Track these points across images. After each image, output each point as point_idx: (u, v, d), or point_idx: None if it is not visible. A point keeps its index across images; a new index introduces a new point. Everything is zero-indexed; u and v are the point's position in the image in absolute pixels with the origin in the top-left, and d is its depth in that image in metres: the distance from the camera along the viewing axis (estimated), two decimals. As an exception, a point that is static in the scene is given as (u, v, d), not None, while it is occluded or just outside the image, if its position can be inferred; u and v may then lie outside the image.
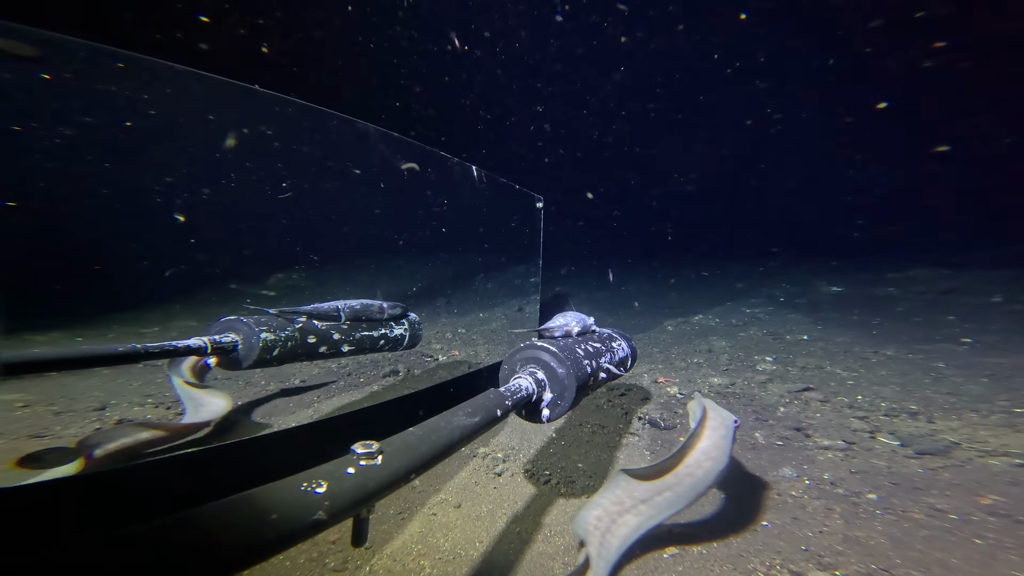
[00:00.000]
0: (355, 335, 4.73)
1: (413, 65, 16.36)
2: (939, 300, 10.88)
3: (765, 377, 6.26)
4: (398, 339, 5.22)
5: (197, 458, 3.12)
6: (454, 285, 12.42)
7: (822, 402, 5.29)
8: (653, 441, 4.50)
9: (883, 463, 3.89)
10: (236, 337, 3.89)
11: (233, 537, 1.21)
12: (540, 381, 2.81)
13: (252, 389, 5.23)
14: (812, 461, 3.98)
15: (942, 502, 3.29)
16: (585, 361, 3.09)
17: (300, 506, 1.37)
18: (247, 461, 3.25)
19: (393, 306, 5.15)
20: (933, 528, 3.00)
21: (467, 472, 3.92)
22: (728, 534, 3.03)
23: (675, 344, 8.74)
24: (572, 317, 3.58)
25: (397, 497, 3.49)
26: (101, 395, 4.84)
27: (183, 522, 1.18)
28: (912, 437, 4.30)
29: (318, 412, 4.76)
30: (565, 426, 4.77)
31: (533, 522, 3.21)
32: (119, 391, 4.98)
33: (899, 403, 5.11)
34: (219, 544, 1.17)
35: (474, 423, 2.15)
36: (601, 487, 2.67)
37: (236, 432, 4.15)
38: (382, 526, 3.15)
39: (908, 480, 3.61)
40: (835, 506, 3.30)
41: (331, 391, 5.34)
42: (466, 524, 3.20)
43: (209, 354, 3.74)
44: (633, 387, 5.97)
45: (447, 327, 9.18)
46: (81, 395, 4.81)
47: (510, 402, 2.49)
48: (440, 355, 7.15)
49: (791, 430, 4.61)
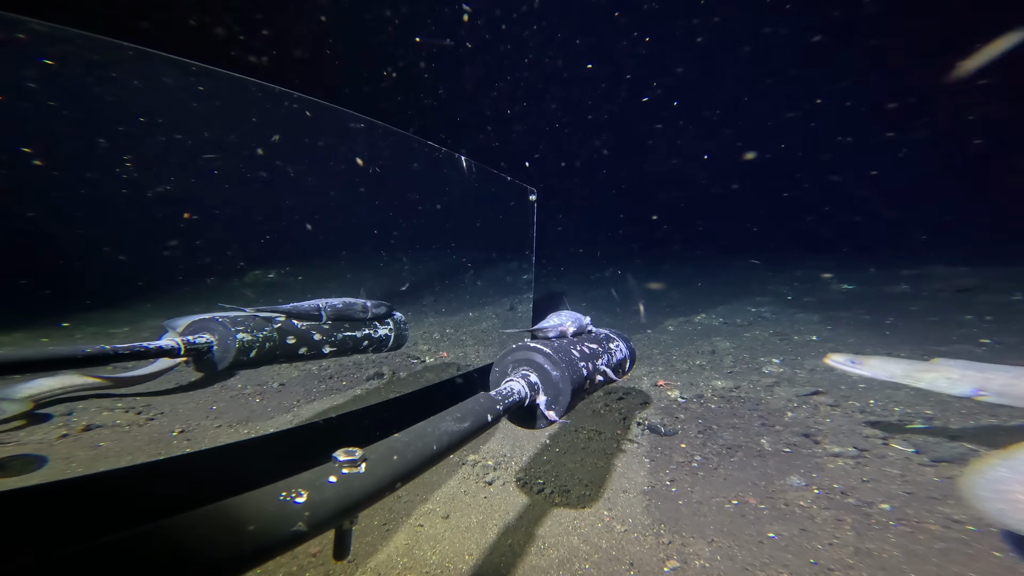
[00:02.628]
0: (337, 336, 4.72)
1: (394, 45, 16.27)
2: (956, 298, 10.87)
3: (772, 380, 6.27)
4: (382, 340, 5.21)
5: (169, 465, 3.11)
6: (442, 282, 12.41)
7: (832, 407, 5.30)
8: (653, 448, 4.50)
9: (897, 471, 3.90)
10: (211, 338, 3.87)
11: (207, 550, 1.20)
12: (533, 384, 2.79)
13: (228, 393, 5.21)
14: (821, 469, 4.00)
15: (959, 512, 3.29)
16: (581, 363, 3.08)
17: (279, 517, 1.36)
18: (222, 469, 3.24)
19: (377, 305, 5.14)
20: (950, 540, 3.01)
21: (456, 481, 3.92)
22: (732, 546, 3.04)
23: (676, 345, 8.75)
24: (567, 316, 3.57)
25: (381, 507, 3.49)
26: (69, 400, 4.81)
27: (153, 534, 1.17)
28: (928, 444, 4.31)
29: (298, 417, 4.75)
30: (560, 432, 4.78)
31: (526, 534, 3.21)
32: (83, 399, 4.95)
33: (914, 408, 5.11)
34: (192, 558, 1.17)
35: (463, 429, 2.14)
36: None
37: (211, 438, 4.14)
38: (365, 538, 3.15)
39: (923, 489, 3.62)
40: (846, 517, 3.32)
41: (312, 395, 5.32)
42: (454, 536, 3.20)
43: (183, 356, 3.72)
44: (632, 391, 5.98)
45: (434, 327, 9.16)
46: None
47: (501, 406, 2.48)
48: (427, 357, 7.15)
49: (799, 436, 4.62)
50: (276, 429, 4.06)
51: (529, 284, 8.56)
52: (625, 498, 3.66)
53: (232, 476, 3.01)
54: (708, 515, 3.41)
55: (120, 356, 3.24)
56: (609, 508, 3.52)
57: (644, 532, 3.22)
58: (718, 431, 4.82)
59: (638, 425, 5.02)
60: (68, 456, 3.64)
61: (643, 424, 5.02)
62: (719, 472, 4.03)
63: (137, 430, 4.17)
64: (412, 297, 11.14)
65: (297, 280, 10.23)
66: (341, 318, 4.80)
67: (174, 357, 3.69)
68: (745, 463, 4.16)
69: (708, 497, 3.65)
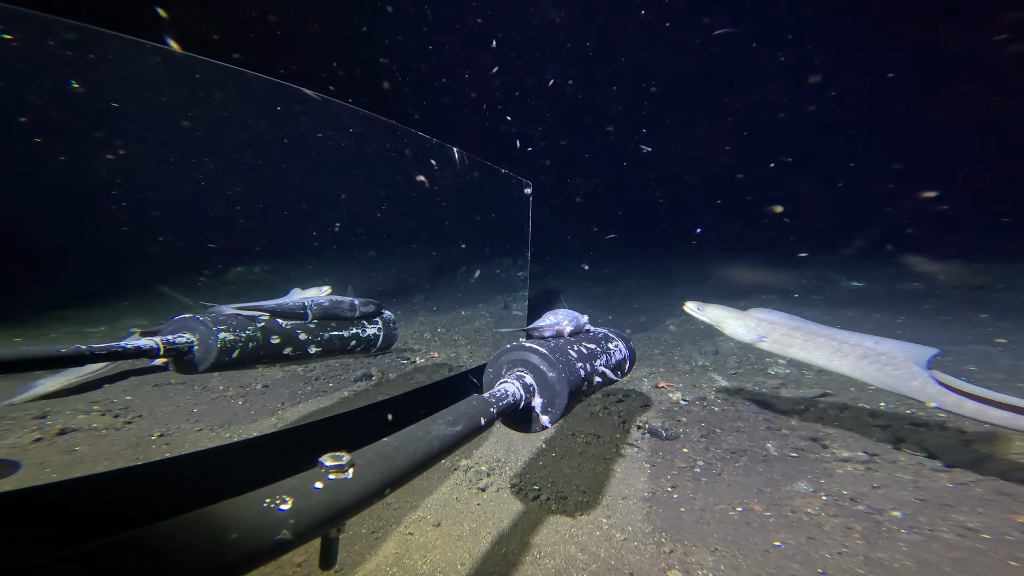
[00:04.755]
0: (323, 335, 4.72)
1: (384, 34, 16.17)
2: (971, 296, 10.89)
3: (778, 382, 6.29)
4: (371, 340, 5.21)
5: (147, 471, 3.11)
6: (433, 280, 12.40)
7: (841, 409, 5.32)
8: (654, 453, 4.51)
9: (909, 477, 3.91)
10: (191, 337, 3.86)
11: (188, 559, 1.20)
12: (528, 386, 2.79)
13: (209, 395, 5.21)
14: (830, 475, 4.01)
15: (974, 520, 3.30)
16: (578, 364, 3.08)
17: (262, 524, 1.36)
18: (203, 474, 3.24)
19: (365, 303, 5.14)
20: (964, 549, 3.02)
21: (447, 487, 3.92)
22: (736, 556, 3.04)
23: (678, 345, 8.76)
24: (564, 315, 3.58)
25: (370, 514, 3.48)
26: (42, 401, 4.81)
27: (132, 542, 1.17)
28: (941, 448, 4.32)
29: (282, 420, 4.75)
30: (556, 436, 4.78)
31: (521, 542, 3.21)
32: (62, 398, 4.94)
33: (926, 411, 5.12)
34: (172, 567, 1.16)
35: (455, 433, 2.15)
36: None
37: (191, 442, 4.13)
38: (353, 547, 3.15)
39: (936, 496, 3.63)
40: (855, 524, 3.32)
41: (297, 397, 5.32)
42: (446, 545, 3.21)
43: (162, 356, 3.71)
44: (632, 393, 5.99)
45: (425, 326, 9.17)
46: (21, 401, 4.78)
47: (495, 409, 2.48)
48: (418, 357, 7.15)
49: (807, 440, 4.64)
50: (260, 433, 4.05)
51: (524, 281, 8.55)
52: (625, 505, 3.66)
53: (213, 482, 3.02)
54: (711, 523, 3.42)
55: (97, 356, 3.24)
56: (608, 515, 3.52)
57: (644, 541, 3.22)
58: (722, 435, 4.83)
59: (638, 429, 5.02)
60: (42, 461, 3.64)
61: (643, 427, 5.02)
62: (723, 478, 4.04)
63: (114, 434, 4.17)
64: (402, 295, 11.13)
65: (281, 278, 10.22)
66: (328, 317, 4.79)
67: (153, 358, 3.68)
68: (750, 468, 4.17)
69: (711, 504, 3.65)
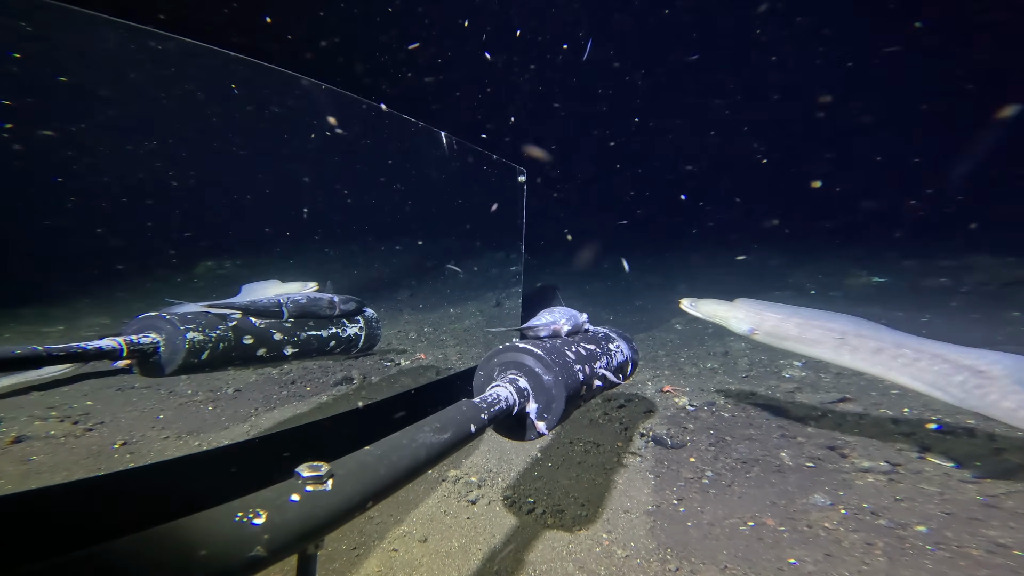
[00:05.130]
0: (300, 335, 4.72)
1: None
2: (1002, 292, 10.89)
3: (793, 386, 6.30)
4: (352, 340, 5.21)
5: (109, 482, 3.10)
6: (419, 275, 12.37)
7: (861, 416, 5.32)
8: (659, 462, 4.51)
9: (934, 489, 3.92)
10: (157, 337, 3.86)
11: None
12: (522, 390, 2.79)
13: (176, 400, 5.20)
14: (849, 486, 4.02)
15: (1005, 536, 3.31)
16: (576, 366, 3.09)
17: (234, 540, 1.35)
18: (170, 486, 3.24)
19: (346, 300, 5.13)
20: (994, 567, 3.02)
21: (435, 499, 3.93)
22: (747, 574, 3.05)
23: (684, 346, 8.78)
24: (561, 314, 3.58)
25: (351, 529, 3.49)
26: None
27: (92, 559, 1.16)
28: (969, 458, 4.33)
29: (256, 427, 4.73)
30: (552, 444, 4.79)
31: (514, 560, 3.22)
32: (16, 402, 4.92)
33: (953, 417, 5.13)
34: (136, 586, 1.17)
35: (443, 441, 2.15)
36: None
37: (157, 451, 4.13)
38: (332, 564, 3.15)
39: (964, 509, 3.63)
40: (877, 540, 3.33)
41: (271, 402, 5.31)
42: (433, 562, 3.21)
43: (125, 357, 3.71)
44: (634, 397, 6.00)
45: (411, 325, 9.17)
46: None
47: (486, 415, 2.48)
48: (402, 359, 7.14)
49: (824, 449, 4.65)
50: (231, 441, 4.05)
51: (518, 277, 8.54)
52: (627, 519, 3.66)
53: (181, 494, 3.01)
54: (720, 538, 3.42)
55: (54, 357, 3.23)
56: (608, 530, 3.52)
57: (648, 558, 3.22)
58: (732, 443, 4.84)
59: (641, 436, 5.03)
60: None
61: (647, 435, 5.03)
62: (733, 489, 4.04)
63: (74, 442, 4.16)
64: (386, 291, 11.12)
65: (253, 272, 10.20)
66: (305, 315, 4.79)
67: (115, 359, 3.67)
68: (763, 479, 4.17)
69: (721, 518, 3.66)
